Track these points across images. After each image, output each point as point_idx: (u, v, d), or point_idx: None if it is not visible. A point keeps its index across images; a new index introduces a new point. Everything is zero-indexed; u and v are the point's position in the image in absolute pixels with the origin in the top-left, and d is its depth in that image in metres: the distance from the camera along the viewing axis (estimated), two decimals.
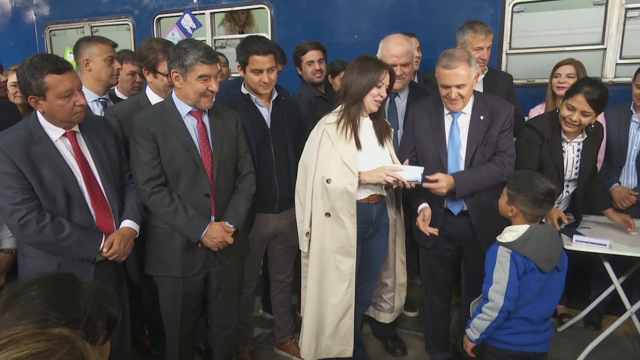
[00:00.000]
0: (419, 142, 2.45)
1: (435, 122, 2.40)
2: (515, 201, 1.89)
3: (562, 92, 2.75)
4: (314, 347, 2.39)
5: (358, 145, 2.24)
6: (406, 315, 3.25)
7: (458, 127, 2.37)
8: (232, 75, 3.81)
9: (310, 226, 2.30)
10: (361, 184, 2.23)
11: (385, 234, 2.46)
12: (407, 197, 2.49)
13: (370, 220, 2.33)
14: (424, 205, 2.43)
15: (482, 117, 2.34)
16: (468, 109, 2.36)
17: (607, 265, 2.62)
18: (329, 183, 2.21)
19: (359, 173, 2.22)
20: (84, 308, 1.00)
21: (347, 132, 2.23)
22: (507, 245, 1.85)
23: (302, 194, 2.35)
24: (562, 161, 2.56)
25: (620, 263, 2.66)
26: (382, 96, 2.22)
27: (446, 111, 2.38)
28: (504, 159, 2.34)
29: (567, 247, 2.52)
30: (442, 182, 2.24)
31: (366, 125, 2.31)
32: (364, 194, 2.29)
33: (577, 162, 2.60)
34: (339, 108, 2.29)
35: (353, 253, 2.28)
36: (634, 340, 2.97)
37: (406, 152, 2.47)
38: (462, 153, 2.36)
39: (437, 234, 2.33)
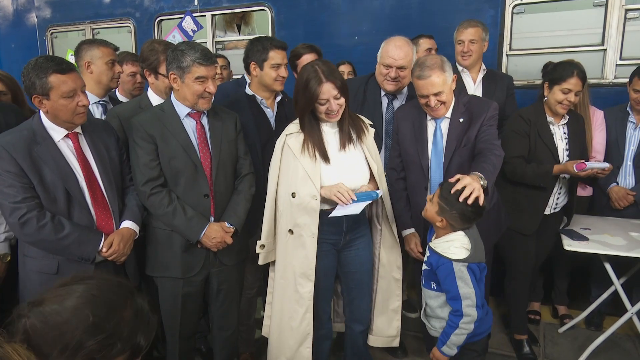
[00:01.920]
0: (402, 148, 2.42)
1: (417, 127, 2.37)
2: (445, 214, 1.91)
3: None
4: None
5: (325, 156, 2.12)
6: (407, 317, 3.26)
7: (442, 132, 2.34)
8: (234, 76, 3.82)
9: (275, 240, 2.26)
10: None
11: (365, 246, 2.34)
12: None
13: (340, 230, 2.22)
14: (410, 231, 2.44)
15: (461, 120, 2.30)
16: (450, 113, 2.33)
17: (608, 266, 2.62)
18: (294, 197, 2.12)
19: (321, 187, 2.10)
20: (115, 324, 1.00)
21: (309, 145, 2.11)
22: (462, 261, 1.88)
23: None
24: (553, 143, 2.62)
25: (621, 264, 2.66)
26: (332, 110, 2.06)
27: (429, 117, 2.36)
28: (491, 146, 2.21)
29: (567, 248, 2.53)
30: (465, 180, 1.87)
31: (329, 132, 2.17)
32: (332, 203, 2.13)
33: (566, 143, 2.67)
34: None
35: (311, 277, 2.17)
36: (635, 341, 2.96)
37: (393, 157, 2.47)
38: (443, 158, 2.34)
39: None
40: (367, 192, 2.13)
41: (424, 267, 2.04)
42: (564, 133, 2.67)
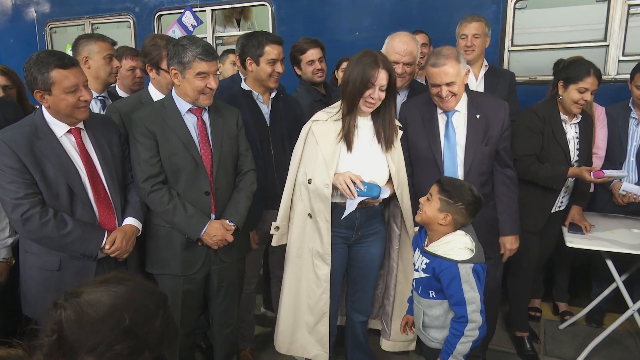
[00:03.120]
0: (411, 142, 2.39)
1: (428, 121, 2.34)
2: (450, 208, 1.84)
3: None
4: (288, 342, 2.39)
5: (349, 146, 2.16)
6: None
7: (453, 126, 2.31)
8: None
9: (289, 222, 2.30)
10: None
11: (377, 243, 2.34)
12: None
13: (352, 225, 2.24)
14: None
15: (478, 116, 2.29)
16: (462, 107, 2.31)
17: (609, 263, 2.61)
18: (310, 184, 2.16)
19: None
20: (146, 331, 0.99)
21: (339, 131, 2.15)
22: (467, 262, 1.80)
23: None
24: (566, 141, 2.60)
25: (622, 261, 2.65)
26: (373, 98, 2.08)
27: (439, 110, 2.33)
28: (509, 170, 2.39)
29: (569, 244, 2.52)
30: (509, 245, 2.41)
31: (362, 126, 2.20)
32: (343, 197, 2.15)
33: (577, 143, 2.66)
34: (336, 104, 2.22)
35: (328, 260, 2.22)
36: (636, 338, 2.96)
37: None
38: (461, 153, 2.30)
39: None
40: (372, 185, 2.11)
41: (419, 275, 1.95)
42: (576, 132, 2.65)
